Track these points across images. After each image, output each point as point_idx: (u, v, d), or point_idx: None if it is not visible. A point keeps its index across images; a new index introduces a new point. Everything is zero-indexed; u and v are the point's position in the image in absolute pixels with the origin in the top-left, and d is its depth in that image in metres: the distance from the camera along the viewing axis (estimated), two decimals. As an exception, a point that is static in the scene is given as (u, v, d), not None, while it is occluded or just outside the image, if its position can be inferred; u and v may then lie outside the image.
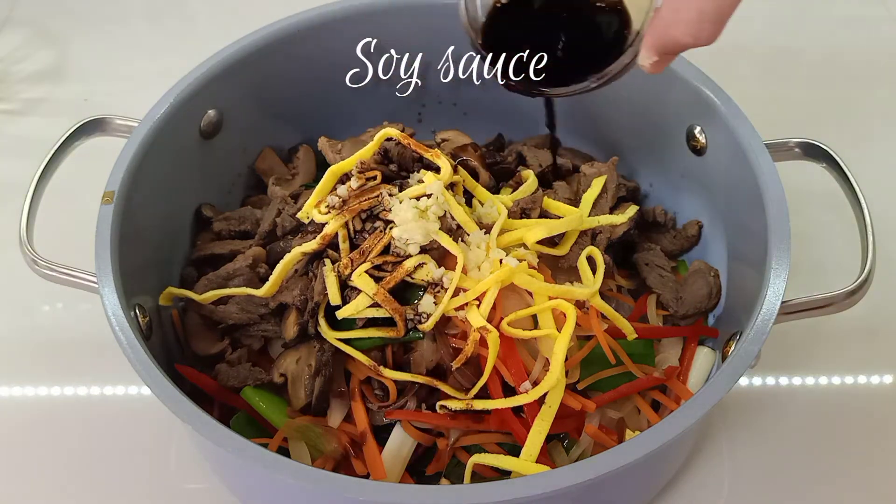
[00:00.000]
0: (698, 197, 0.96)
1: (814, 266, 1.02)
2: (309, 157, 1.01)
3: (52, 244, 0.84)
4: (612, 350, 0.80)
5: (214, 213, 0.97)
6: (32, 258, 0.80)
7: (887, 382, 0.96)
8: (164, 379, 0.70)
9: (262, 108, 0.99)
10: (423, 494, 0.64)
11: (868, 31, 1.33)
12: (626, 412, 0.83)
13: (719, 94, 0.86)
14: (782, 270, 0.75)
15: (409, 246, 0.78)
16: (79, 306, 1.02)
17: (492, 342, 0.76)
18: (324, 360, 0.80)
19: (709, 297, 0.89)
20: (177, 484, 0.89)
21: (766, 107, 0.97)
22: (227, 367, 0.84)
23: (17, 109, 1.25)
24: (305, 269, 0.84)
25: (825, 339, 0.98)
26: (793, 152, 0.86)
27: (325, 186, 0.86)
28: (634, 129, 0.99)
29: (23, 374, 0.98)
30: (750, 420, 0.92)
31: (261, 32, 0.93)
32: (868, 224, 0.80)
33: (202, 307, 0.86)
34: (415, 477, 0.81)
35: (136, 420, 0.93)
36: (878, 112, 1.23)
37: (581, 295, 0.80)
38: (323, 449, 0.79)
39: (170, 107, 0.87)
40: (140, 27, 1.39)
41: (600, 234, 0.90)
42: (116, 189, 0.80)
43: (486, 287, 0.78)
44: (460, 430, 0.79)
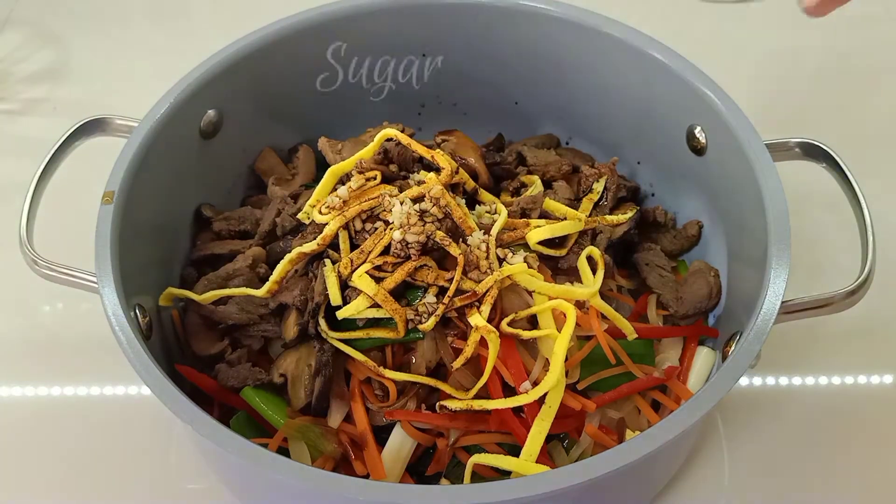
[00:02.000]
0: (698, 197, 0.96)
1: (814, 266, 1.02)
2: (309, 157, 1.01)
3: (52, 244, 0.84)
4: (612, 350, 0.80)
5: (214, 213, 0.97)
6: (32, 258, 0.80)
7: (887, 382, 0.97)
8: (164, 379, 0.70)
9: (262, 108, 0.99)
10: (423, 494, 0.64)
11: (868, 31, 1.33)
12: (626, 412, 0.83)
13: (719, 94, 0.86)
14: (782, 270, 0.75)
15: (409, 247, 0.78)
16: (79, 306, 1.02)
17: (492, 342, 0.76)
18: (324, 361, 0.80)
19: (709, 297, 0.89)
20: (177, 484, 0.89)
21: (766, 107, 0.98)
22: (226, 367, 0.84)
23: (17, 109, 1.25)
24: (306, 269, 0.84)
25: (825, 339, 0.98)
26: (793, 152, 0.86)
27: (325, 187, 0.86)
28: (634, 129, 0.99)
29: (23, 374, 0.98)
30: (750, 420, 0.92)
31: (261, 32, 0.93)
32: (868, 224, 0.80)
33: (202, 307, 0.86)
34: (415, 477, 0.81)
35: (136, 420, 0.93)
36: (878, 112, 1.23)
37: (581, 295, 0.80)
38: (323, 449, 0.79)
39: (170, 107, 0.87)
40: (140, 27, 1.39)
41: (600, 235, 0.90)
42: (116, 189, 0.80)
43: (486, 287, 0.78)
44: (460, 431, 0.79)
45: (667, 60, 0.89)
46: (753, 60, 1.29)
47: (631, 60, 0.91)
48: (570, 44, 0.95)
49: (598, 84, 0.97)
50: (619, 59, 0.93)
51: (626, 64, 0.92)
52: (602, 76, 0.96)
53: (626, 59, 0.92)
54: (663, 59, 0.89)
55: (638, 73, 0.92)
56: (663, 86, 0.90)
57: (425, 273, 0.79)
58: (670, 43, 0.90)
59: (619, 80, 0.95)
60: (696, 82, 0.87)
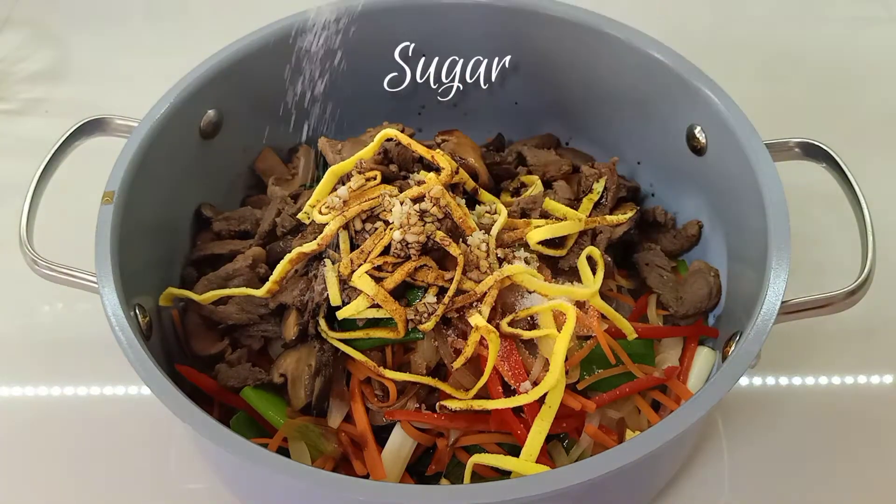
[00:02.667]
0: (698, 197, 0.96)
1: (814, 266, 1.02)
2: (309, 158, 1.01)
3: (52, 244, 0.84)
4: (612, 350, 0.80)
5: (214, 213, 0.97)
6: (32, 258, 0.80)
7: (887, 382, 0.96)
8: (164, 379, 0.70)
9: (262, 109, 0.98)
10: (423, 494, 0.64)
11: (868, 31, 1.33)
12: (626, 412, 0.83)
13: (719, 94, 0.86)
14: (782, 270, 0.75)
15: (409, 247, 0.78)
16: (79, 306, 1.02)
17: (492, 342, 0.76)
18: (324, 361, 0.80)
19: (709, 297, 0.89)
20: (177, 484, 0.89)
21: (766, 107, 0.97)
22: (226, 368, 0.84)
23: (17, 109, 1.25)
24: (306, 269, 0.84)
25: (825, 339, 0.98)
26: (793, 152, 0.86)
27: (325, 187, 0.86)
28: (634, 129, 0.99)
29: (23, 374, 0.98)
30: (750, 420, 0.92)
31: (261, 32, 0.93)
32: (868, 224, 0.80)
33: (202, 307, 0.86)
34: (415, 477, 0.81)
35: (136, 420, 0.93)
36: (878, 112, 1.23)
37: (581, 295, 0.80)
38: (323, 449, 0.79)
39: (170, 107, 0.87)
40: (140, 27, 1.39)
41: (600, 235, 0.90)
42: (116, 189, 0.80)
43: (486, 287, 0.78)
44: (460, 431, 0.79)
45: (667, 60, 0.89)
46: (753, 60, 1.29)
47: (631, 60, 0.91)
48: (571, 44, 0.95)
49: (598, 84, 0.97)
50: (619, 58, 0.93)
51: (627, 64, 0.92)
52: (602, 76, 0.96)
53: (627, 58, 0.92)
54: (663, 59, 0.89)
55: (638, 72, 0.92)
56: (663, 86, 0.90)
57: (425, 273, 0.79)
58: (670, 43, 0.90)
59: (620, 80, 0.95)
60: (696, 82, 0.87)
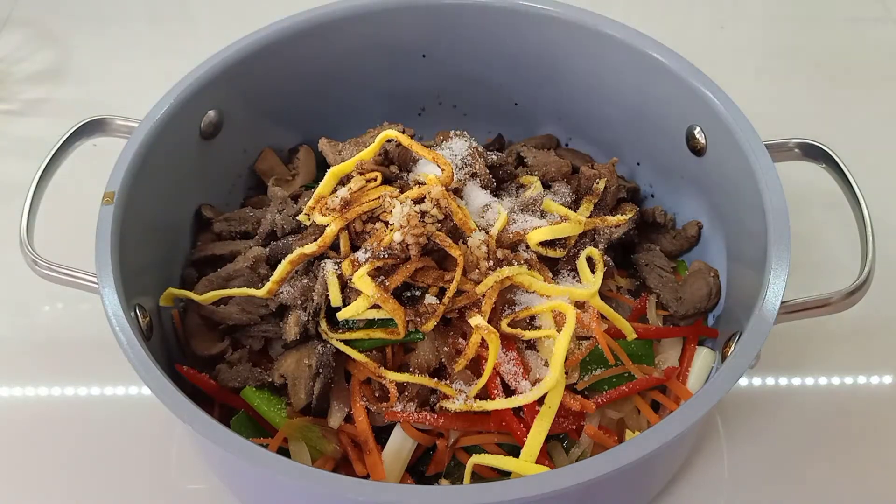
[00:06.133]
0: (698, 197, 0.96)
1: (814, 266, 1.02)
2: (309, 158, 1.01)
3: (52, 244, 0.84)
4: (612, 350, 0.80)
5: (215, 213, 0.97)
6: (32, 258, 0.80)
7: (886, 383, 0.97)
8: (164, 379, 0.70)
9: (263, 109, 0.99)
10: (423, 494, 0.64)
11: (868, 31, 1.34)
12: (625, 412, 0.83)
13: (719, 94, 0.86)
14: (782, 271, 0.75)
15: (409, 248, 0.78)
16: (79, 306, 1.02)
17: (492, 343, 0.76)
18: (324, 361, 0.80)
19: (708, 298, 0.89)
20: (177, 484, 0.89)
21: (766, 107, 0.98)
22: (227, 368, 0.84)
23: (17, 109, 1.26)
24: (306, 269, 0.84)
25: (825, 339, 0.98)
26: (792, 152, 0.86)
27: (325, 188, 0.86)
28: (634, 129, 0.99)
29: (23, 374, 0.98)
30: (749, 420, 0.92)
31: (261, 32, 0.93)
32: (868, 224, 0.80)
33: (202, 308, 0.86)
34: (415, 477, 0.81)
35: (136, 420, 0.93)
36: (877, 112, 1.23)
37: (581, 296, 0.80)
38: (323, 449, 0.80)
39: (170, 107, 0.87)
40: (140, 28, 1.39)
41: (600, 235, 0.90)
42: (116, 189, 0.80)
43: (486, 288, 0.78)
44: (460, 431, 0.79)
45: (666, 61, 0.89)
46: (753, 60, 1.29)
47: (631, 61, 0.91)
48: (570, 45, 0.95)
49: (597, 85, 0.97)
50: (618, 59, 0.93)
51: (626, 65, 0.92)
52: (602, 77, 0.96)
53: (626, 59, 0.92)
54: (663, 60, 0.89)
55: (638, 73, 0.92)
56: (663, 86, 0.90)
57: (425, 274, 0.79)
58: (670, 43, 0.90)
59: (619, 80, 0.95)
60: (695, 82, 0.87)
